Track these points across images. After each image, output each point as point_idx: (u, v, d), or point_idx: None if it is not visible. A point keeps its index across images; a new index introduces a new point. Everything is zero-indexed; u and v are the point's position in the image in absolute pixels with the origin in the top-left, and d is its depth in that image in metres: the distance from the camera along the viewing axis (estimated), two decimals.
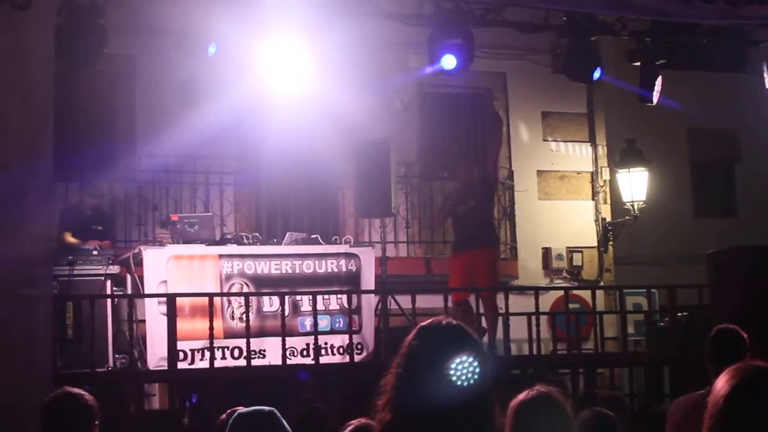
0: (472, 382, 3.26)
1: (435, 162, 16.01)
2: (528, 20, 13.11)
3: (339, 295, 11.82)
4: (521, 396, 4.21)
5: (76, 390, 5.26)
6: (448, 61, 12.02)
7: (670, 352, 12.34)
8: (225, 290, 11.59)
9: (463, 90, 16.15)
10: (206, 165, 14.54)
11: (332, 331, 11.85)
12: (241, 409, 4.69)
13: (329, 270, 12.03)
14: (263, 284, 11.73)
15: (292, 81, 12.52)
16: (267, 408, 4.64)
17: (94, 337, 10.39)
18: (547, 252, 16.59)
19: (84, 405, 5.03)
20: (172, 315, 10.76)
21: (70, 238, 11.64)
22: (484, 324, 12.19)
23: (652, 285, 13.83)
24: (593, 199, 17.05)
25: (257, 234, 12.38)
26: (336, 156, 13.83)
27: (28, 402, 5.83)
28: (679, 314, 12.69)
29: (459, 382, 2.76)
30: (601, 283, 16.47)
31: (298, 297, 11.79)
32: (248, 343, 10.87)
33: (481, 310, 12.11)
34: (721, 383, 2.95)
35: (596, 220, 17.00)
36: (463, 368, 3.07)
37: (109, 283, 11.29)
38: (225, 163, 14.76)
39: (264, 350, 11.48)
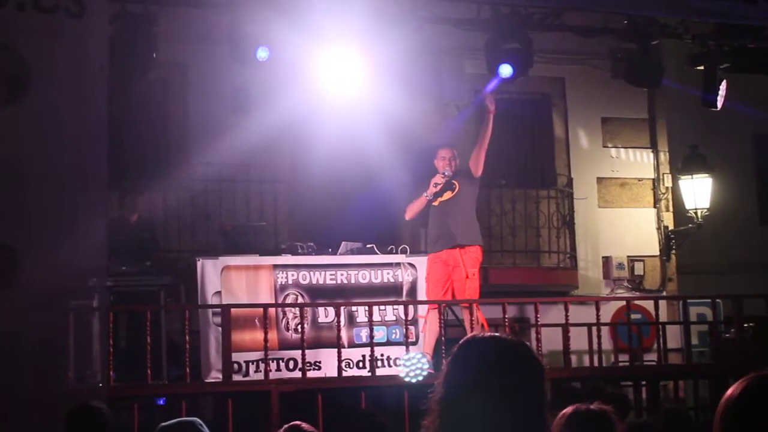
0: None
1: (492, 170, 15.93)
2: (587, 24, 13.04)
3: (395, 306, 11.80)
4: (570, 409, 4.11)
5: (96, 404, 5.35)
6: (505, 70, 11.98)
7: (736, 364, 12.18)
8: (279, 301, 11.61)
9: (521, 96, 16.07)
10: (260, 173, 14.57)
11: (388, 343, 11.84)
12: (164, 424, 4.69)
13: (385, 280, 12.02)
14: (318, 295, 11.75)
15: (346, 88, 12.52)
16: (189, 419, 4.69)
17: (148, 349, 10.43)
18: (607, 261, 16.45)
19: (101, 417, 5.12)
20: (226, 326, 10.79)
21: None
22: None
23: (716, 295, 13.66)
24: (655, 207, 16.89)
25: (312, 243, 12.37)
26: (391, 164, 13.79)
27: None
28: (744, 325, 12.55)
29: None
30: (664, 293, 16.31)
31: (354, 308, 11.79)
32: (303, 355, 10.88)
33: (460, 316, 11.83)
34: (733, 387, 2.99)
35: (658, 229, 16.83)
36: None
37: (162, 294, 11.35)
38: (278, 171, 14.78)
39: (319, 362, 11.49)
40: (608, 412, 4.09)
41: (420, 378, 11.04)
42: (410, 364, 11.10)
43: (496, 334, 3.31)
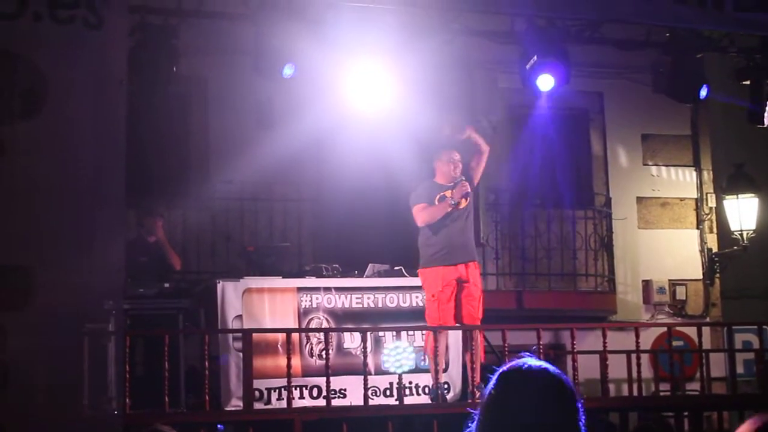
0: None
1: (527, 188, 15.93)
2: (627, 37, 13.03)
3: (424, 332, 11.77)
4: None
5: (166, 428, 5.38)
6: (546, 83, 11.97)
7: None
8: (303, 325, 11.62)
9: (557, 111, 16.05)
10: (283, 192, 14.60)
11: (417, 370, 11.81)
12: None
13: (414, 304, 12.00)
14: (344, 319, 11.75)
15: (374, 103, 12.54)
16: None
17: (166, 375, 10.44)
18: (647, 285, 16.39)
19: None
20: (248, 352, 10.80)
21: None
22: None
23: (763, 321, 13.57)
24: (698, 228, 16.83)
25: (337, 265, 12.37)
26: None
27: None
28: None
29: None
30: (707, 319, 16.23)
31: (381, 333, 11.78)
32: (328, 382, 10.86)
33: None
34: (747, 424, 3.08)
35: (701, 251, 16.77)
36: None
37: (181, 317, 11.38)
38: (302, 190, 14.81)
39: (344, 389, 11.48)
40: None
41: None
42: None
43: (533, 362, 3.30)
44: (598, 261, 15.86)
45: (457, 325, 11.31)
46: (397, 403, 11.22)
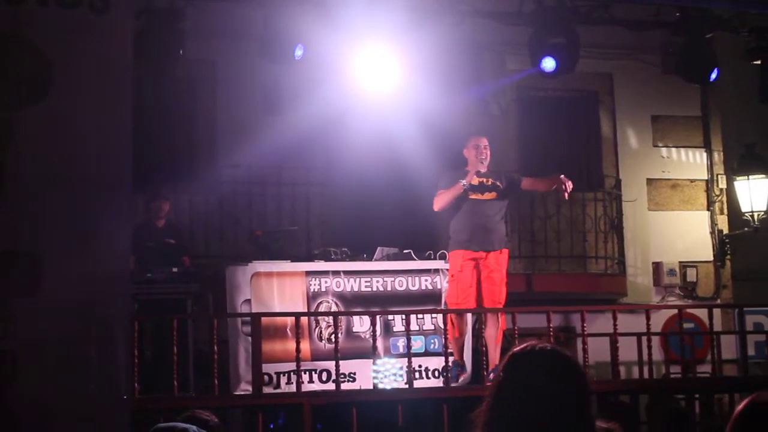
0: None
1: (536, 170, 15.89)
2: (637, 17, 12.99)
3: (434, 315, 11.77)
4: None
5: (205, 413, 5.40)
6: (548, 64, 11.94)
7: None
8: (312, 309, 11.62)
9: (566, 93, 16.03)
10: (291, 176, 14.58)
11: (427, 353, 11.82)
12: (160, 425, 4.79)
13: (423, 287, 12.00)
14: (353, 303, 11.75)
15: (382, 86, 12.53)
16: (182, 425, 4.73)
17: (174, 360, 10.45)
18: (658, 267, 16.36)
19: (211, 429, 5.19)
20: (256, 336, 10.81)
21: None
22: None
23: None
24: (708, 210, 16.78)
25: (346, 249, 12.37)
26: (430, 165, 13.77)
27: (104, 429, 5.86)
28: None
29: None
30: (718, 301, 16.20)
31: (390, 316, 11.78)
32: (337, 366, 10.86)
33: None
34: (743, 403, 3.23)
35: (712, 233, 16.73)
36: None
37: (189, 302, 11.39)
38: (311, 173, 14.79)
39: (354, 373, 11.49)
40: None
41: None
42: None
43: (542, 345, 3.30)
44: (608, 243, 15.83)
45: (467, 308, 11.29)
46: (407, 386, 11.21)
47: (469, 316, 11.56)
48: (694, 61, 12.83)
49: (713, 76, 12.87)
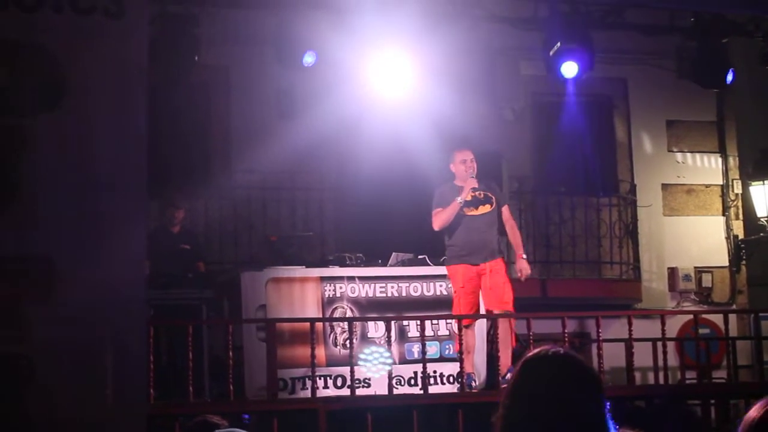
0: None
1: (550, 176, 15.89)
2: (651, 22, 12.98)
3: (449, 320, 11.76)
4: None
5: (216, 418, 5.41)
6: (570, 69, 11.92)
7: None
8: (327, 315, 11.62)
9: (581, 98, 16.00)
10: (305, 181, 14.60)
11: (441, 359, 11.81)
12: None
13: (438, 293, 11.99)
14: (367, 308, 11.74)
15: (396, 91, 12.54)
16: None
17: (190, 365, 10.46)
18: (673, 272, 16.34)
19: None
20: (271, 341, 10.81)
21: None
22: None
23: None
24: (724, 215, 16.75)
25: (360, 254, 12.37)
26: (444, 170, 13.78)
27: None
28: None
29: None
30: (734, 306, 16.17)
31: (405, 322, 11.78)
32: (352, 372, 10.87)
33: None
34: (754, 409, 3.11)
35: (727, 238, 16.70)
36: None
37: (204, 308, 11.40)
38: (325, 178, 14.80)
39: (369, 379, 11.49)
40: None
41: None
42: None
43: (556, 350, 3.30)
44: (623, 248, 15.81)
45: (482, 314, 11.29)
46: (421, 392, 11.21)
47: (477, 329, 11.57)
48: (709, 66, 12.82)
49: (728, 80, 12.84)
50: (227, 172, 14.51)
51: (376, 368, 11.40)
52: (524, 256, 11.42)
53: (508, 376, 10.31)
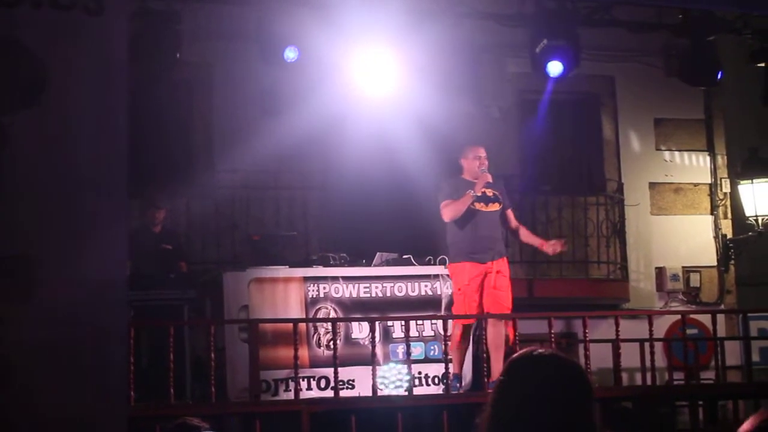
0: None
1: (537, 174, 15.91)
2: (639, 19, 13.00)
3: (433, 321, 11.77)
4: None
5: (196, 421, 5.41)
6: (555, 68, 11.94)
7: None
8: (311, 315, 11.63)
9: (567, 96, 16.02)
10: (289, 180, 14.58)
11: (426, 360, 11.83)
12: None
13: (423, 293, 12.01)
14: (352, 309, 11.76)
15: (380, 89, 12.54)
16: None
17: (171, 367, 10.45)
18: (660, 272, 16.36)
19: None
20: (254, 342, 10.81)
21: None
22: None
23: None
24: (712, 214, 16.79)
25: (344, 254, 12.38)
26: (429, 169, 13.79)
27: None
28: None
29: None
30: (722, 306, 16.19)
31: (390, 323, 11.79)
32: (336, 373, 10.87)
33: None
34: (748, 422, 3.14)
35: (716, 237, 16.73)
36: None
37: (186, 308, 11.39)
38: (309, 178, 14.79)
39: (353, 380, 11.49)
40: None
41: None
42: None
43: (544, 351, 3.31)
44: (611, 248, 15.83)
45: (468, 314, 11.30)
46: (406, 393, 11.22)
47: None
48: (697, 64, 12.84)
49: (716, 79, 12.87)
50: (210, 171, 14.48)
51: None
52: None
53: None
